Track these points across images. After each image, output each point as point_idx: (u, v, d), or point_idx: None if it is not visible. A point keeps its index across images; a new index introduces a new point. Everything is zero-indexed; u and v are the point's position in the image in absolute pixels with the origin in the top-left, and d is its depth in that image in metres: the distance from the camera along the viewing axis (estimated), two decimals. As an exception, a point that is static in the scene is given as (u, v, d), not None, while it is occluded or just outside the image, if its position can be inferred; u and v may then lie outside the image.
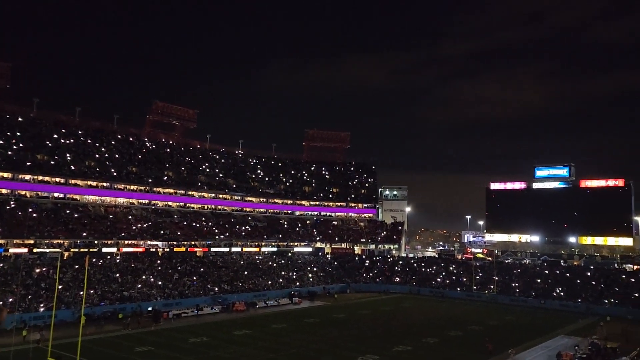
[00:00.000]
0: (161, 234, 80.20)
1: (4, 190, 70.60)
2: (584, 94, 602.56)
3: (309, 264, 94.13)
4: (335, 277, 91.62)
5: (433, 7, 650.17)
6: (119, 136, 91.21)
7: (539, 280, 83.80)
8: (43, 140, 78.71)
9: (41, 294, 55.92)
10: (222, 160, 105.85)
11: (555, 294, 78.26)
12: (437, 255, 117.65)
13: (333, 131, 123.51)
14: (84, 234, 70.54)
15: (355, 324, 56.86)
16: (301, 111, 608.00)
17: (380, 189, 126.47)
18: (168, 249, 79.19)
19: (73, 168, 77.80)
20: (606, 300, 72.89)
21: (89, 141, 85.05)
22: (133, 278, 66.94)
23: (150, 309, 59.17)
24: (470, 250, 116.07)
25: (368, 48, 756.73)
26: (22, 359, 36.87)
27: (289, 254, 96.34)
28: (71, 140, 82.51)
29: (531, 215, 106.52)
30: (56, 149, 78.87)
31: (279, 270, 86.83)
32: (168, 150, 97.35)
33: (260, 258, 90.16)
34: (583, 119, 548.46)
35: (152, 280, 68.11)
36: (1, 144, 72.95)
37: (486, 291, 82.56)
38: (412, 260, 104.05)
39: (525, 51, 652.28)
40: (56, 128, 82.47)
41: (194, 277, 72.95)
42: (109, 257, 70.58)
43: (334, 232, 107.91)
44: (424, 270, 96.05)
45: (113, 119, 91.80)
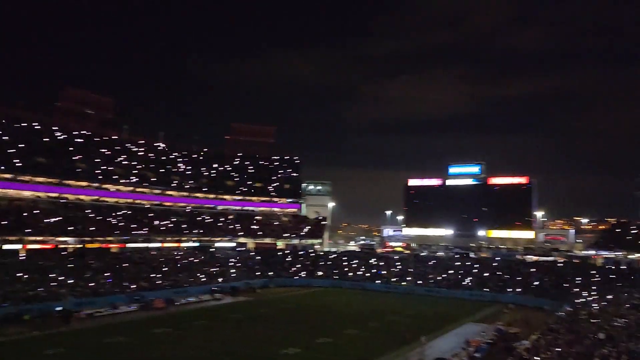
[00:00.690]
0: (72, 229, 75.60)
1: None
2: (493, 95, 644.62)
3: (232, 259, 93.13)
4: (258, 272, 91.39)
5: (359, 7, 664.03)
6: (25, 124, 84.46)
7: (451, 272, 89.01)
8: None
9: None
10: (141, 153, 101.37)
11: (465, 284, 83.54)
12: (359, 249, 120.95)
13: (258, 125, 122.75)
14: (-17, 230, 64.93)
15: (278, 319, 57.28)
16: (226, 104, 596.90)
17: (304, 184, 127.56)
18: (80, 245, 74.83)
19: (-30, 158, 71.22)
20: (510, 289, 78.97)
21: (-10, 129, 78.13)
22: (40, 277, 62.65)
23: (59, 308, 55.75)
24: (389, 244, 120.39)
25: (294, 44, 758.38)
26: None
27: (211, 250, 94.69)
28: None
29: (445, 211, 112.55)
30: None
31: (200, 266, 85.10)
32: (81, 140, 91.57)
33: (180, 254, 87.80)
34: (492, 119, 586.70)
35: (62, 278, 64.13)
36: None
37: (403, 283, 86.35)
38: (334, 255, 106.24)
39: (443, 53, 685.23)
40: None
41: (109, 275, 69.60)
42: (12, 255, 65.43)
43: (257, 227, 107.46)
44: (345, 264, 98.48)
45: (17, 105, 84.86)
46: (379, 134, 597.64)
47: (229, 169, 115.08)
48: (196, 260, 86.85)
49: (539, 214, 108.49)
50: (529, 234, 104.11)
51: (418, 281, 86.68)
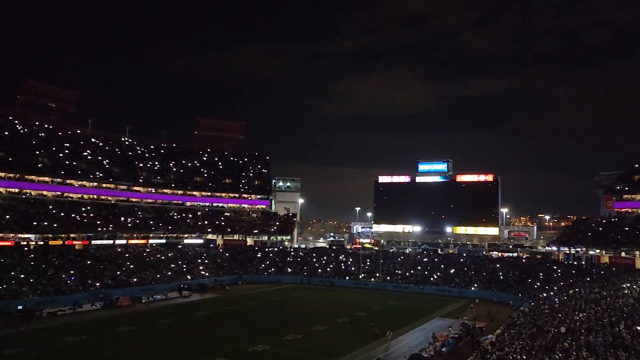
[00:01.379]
0: (34, 225, 73.18)
1: None
2: (457, 95, 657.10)
3: (200, 256, 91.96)
4: (227, 269, 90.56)
5: (325, 3, 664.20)
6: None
7: (419, 268, 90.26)
8: None
9: None
10: (107, 147, 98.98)
11: (432, 280, 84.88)
12: (328, 246, 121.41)
13: (227, 121, 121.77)
14: (-62, 227, 62.16)
15: (246, 315, 56.91)
16: (193, 100, 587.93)
17: (274, 181, 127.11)
18: (42, 242, 72.50)
19: None
20: (475, 285, 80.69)
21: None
22: (0, 275, 60.36)
23: (20, 307, 53.92)
24: (358, 241, 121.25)
25: (261, 39, 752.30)
26: None
27: (179, 246, 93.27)
28: None
29: (414, 207, 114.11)
30: None
31: (167, 262, 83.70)
32: (43, 134, 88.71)
33: (147, 250, 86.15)
34: (458, 118, 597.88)
35: (23, 276, 61.99)
36: None
37: (372, 279, 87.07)
38: (304, 251, 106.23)
39: (407, 52, 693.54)
40: None
41: (72, 272, 67.67)
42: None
43: (226, 224, 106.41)
44: (315, 260, 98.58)
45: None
46: (348, 131, 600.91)
47: (198, 164, 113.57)
48: (164, 257, 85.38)
49: (504, 211, 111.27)
50: (494, 231, 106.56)
51: (387, 277, 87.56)
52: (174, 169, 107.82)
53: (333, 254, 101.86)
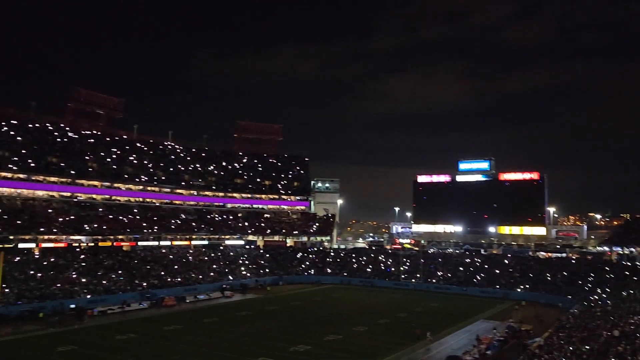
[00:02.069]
0: (85, 228, 76.28)
1: None
2: (499, 90, 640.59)
3: (241, 257, 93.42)
4: (267, 270, 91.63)
5: (362, 3, 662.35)
6: (37, 125, 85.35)
7: (461, 269, 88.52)
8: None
9: (-53, 294, 51.56)
10: (151, 152, 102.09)
11: (475, 281, 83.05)
12: (367, 247, 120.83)
13: (265, 123, 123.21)
14: (-2, 229, 65.71)
15: (287, 316, 57.37)
16: (233, 102, 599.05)
17: (312, 182, 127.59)
18: (92, 244, 75.49)
19: (-16, 158, 72.05)
20: (521, 286, 78.39)
21: (3, 129, 78.91)
22: (54, 275, 63.32)
23: (73, 306, 56.34)
24: (398, 241, 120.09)
25: (299, 40, 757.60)
26: None
27: (221, 247, 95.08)
28: (-19, 127, 76.30)
29: (455, 207, 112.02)
30: (-36, 137, 72.68)
31: (210, 263, 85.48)
32: (92, 140, 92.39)
33: (190, 252, 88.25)
34: (500, 115, 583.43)
35: (75, 276, 64.77)
36: None
37: (413, 280, 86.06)
38: (343, 252, 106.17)
39: (446, 49, 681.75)
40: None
41: (121, 273, 70.18)
42: (26, 253, 66.21)
43: (266, 225, 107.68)
44: (354, 261, 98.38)
45: (29, 106, 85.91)
46: (387, 131, 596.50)
47: (238, 167, 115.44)
48: (206, 258, 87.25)
49: (551, 210, 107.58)
50: (541, 230, 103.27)
51: (428, 278, 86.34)
52: (215, 171, 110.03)
53: (372, 255, 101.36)
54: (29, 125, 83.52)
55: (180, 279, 75.02)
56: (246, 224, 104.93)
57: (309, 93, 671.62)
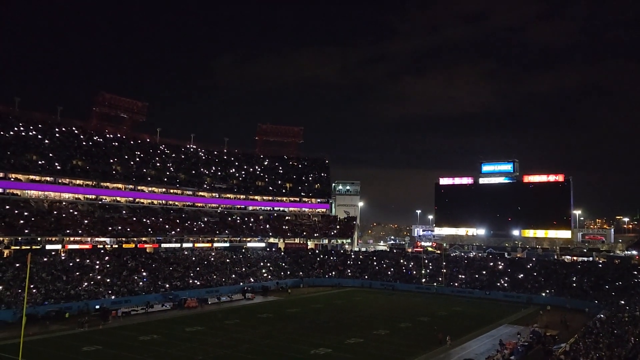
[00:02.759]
0: (109, 229, 77.70)
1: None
2: (523, 92, 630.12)
3: (262, 259, 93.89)
4: (288, 272, 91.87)
5: (382, 3, 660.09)
6: (63, 128, 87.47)
7: (484, 272, 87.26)
8: (-21, 131, 74.42)
9: (-22, 294, 53.05)
10: (173, 155, 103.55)
11: (499, 285, 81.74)
12: (388, 249, 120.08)
13: (286, 126, 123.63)
14: (26, 231, 67.40)
15: (308, 318, 57.37)
16: (254, 105, 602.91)
17: (333, 184, 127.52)
18: (116, 245, 76.88)
19: (13, 161, 73.97)
20: (547, 290, 76.85)
21: (31, 133, 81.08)
22: (79, 276, 64.63)
23: (98, 307, 57.43)
24: (420, 244, 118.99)
25: (320, 42, 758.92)
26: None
27: (242, 250, 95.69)
28: (10, 132, 78.40)
29: (478, 210, 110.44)
30: (-6, 141, 74.78)
31: (231, 265, 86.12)
32: (116, 143, 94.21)
33: (212, 254, 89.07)
34: (524, 116, 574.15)
35: (100, 277, 66.00)
36: None
37: (435, 283, 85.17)
38: (364, 254, 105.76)
39: (469, 49, 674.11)
40: (-6, 119, 78.15)
41: (144, 274, 71.24)
42: (53, 255, 67.78)
43: (287, 227, 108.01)
44: (375, 264, 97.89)
45: (56, 110, 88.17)
46: (409, 133, 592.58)
47: (259, 170, 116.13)
48: (228, 260, 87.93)
49: (577, 213, 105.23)
50: (567, 234, 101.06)
51: (450, 282, 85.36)
52: (236, 174, 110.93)
53: (394, 258, 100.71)
54: (55, 129, 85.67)
55: (202, 281, 75.77)
56: (267, 226, 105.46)
57: (330, 95, 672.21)
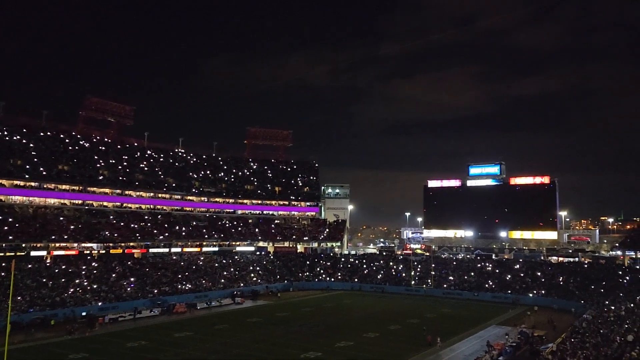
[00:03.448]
0: (96, 235, 76.89)
1: None
2: (511, 94, 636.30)
3: (252, 263, 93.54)
4: (278, 276, 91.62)
5: (373, 7, 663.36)
6: (49, 133, 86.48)
7: (472, 274, 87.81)
8: (-37, 136, 73.34)
9: (-38, 302, 52.18)
10: (161, 159, 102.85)
11: (487, 286, 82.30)
12: (378, 252, 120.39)
13: (275, 129, 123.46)
14: (10, 237, 66.44)
15: (298, 322, 57.22)
16: (242, 109, 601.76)
17: (322, 187, 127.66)
18: (104, 251, 76.05)
19: (-3, 167, 73.04)
20: (534, 291, 77.53)
21: (15, 138, 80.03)
22: (65, 282, 63.85)
23: (84, 314, 56.72)
24: (409, 246, 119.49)
25: (309, 46, 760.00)
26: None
27: (231, 254, 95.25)
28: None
29: (466, 212, 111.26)
30: (-22, 146, 73.76)
31: (220, 270, 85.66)
32: (103, 148, 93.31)
33: (201, 258, 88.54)
34: (512, 119, 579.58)
35: (87, 284, 65.26)
36: None
37: (424, 285, 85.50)
38: (354, 258, 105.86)
39: (457, 53, 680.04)
40: (-23, 124, 77.09)
41: (132, 279, 70.60)
42: (38, 261, 66.91)
43: (276, 231, 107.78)
44: (365, 267, 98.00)
45: (42, 114, 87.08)
46: (398, 135, 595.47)
47: (248, 173, 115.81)
48: (217, 265, 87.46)
49: (563, 214, 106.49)
50: (553, 235, 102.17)
51: (439, 284, 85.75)
52: (225, 178, 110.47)
53: (383, 260, 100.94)
54: (40, 134, 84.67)
55: (191, 286, 75.27)
56: (256, 230, 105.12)
57: (320, 98, 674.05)
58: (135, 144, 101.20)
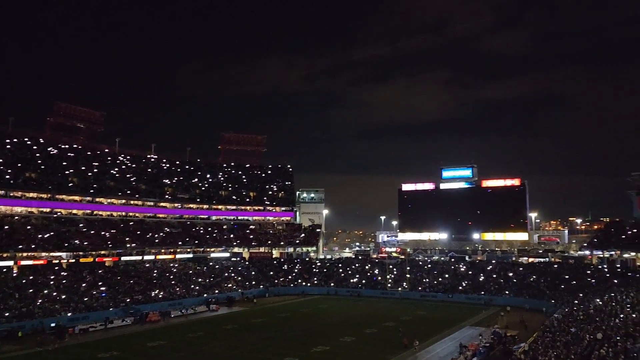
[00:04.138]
0: (65, 244, 74.89)
1: None
2: (481, 99, 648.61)
3: (227, 270, 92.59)
4: (253, 282, 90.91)
5: (342, 13, 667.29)
6: (15, 140, 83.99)
7: (446, 276, 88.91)
8: None
9: None
10: (133, 165, 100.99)
11: (461, 288, 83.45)
12: (354, 256, 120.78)
13: (249, 134, 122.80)
14: (-25, 247, 64.24)
15: (275, 328, 56.88)
16: (216, 114, 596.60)
17: (297, 192, 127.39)
18: (73, 260, 74.10)
19: (-40, 175, 70.53)
20: (506, 292, 78.93)
21: (-20, 145, 77.49)
22: (33, 293, 61.94)
23: (53, 325, 55.09)
24: (384, 250, 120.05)
25: (283, 51, 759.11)
26: None
27: (206, 260, 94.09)
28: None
29: (439, 214, 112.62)
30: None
31: (195, 277, 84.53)
32: (72, 154, 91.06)
33: (175, 265, 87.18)
34: (483, 123, 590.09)
35: (56, 294, 63.45)
36: None
37: (399, 288, 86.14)
38: (330, 262, 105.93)
39: (428, 58, 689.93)
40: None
41: (103, 289, 68.98)
42: (4, 271, 64.76)
43: (251, 237, 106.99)
44: (341, 271, 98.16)
45: (8, 121, 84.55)
46: (372, 140, 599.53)
47: (222, 179, 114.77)
48: (191, 272, 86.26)
49: (533, 216, 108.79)
50: (524, 236, 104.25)
51: (414, 286, 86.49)
52: (199, 184, 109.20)
53: (359, 264, 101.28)
54: (6, 141, 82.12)
55: (164, 294, 74.00)
56: (231, 236, 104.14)
57: (294, 103, 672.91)
58: (107, 150, 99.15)
